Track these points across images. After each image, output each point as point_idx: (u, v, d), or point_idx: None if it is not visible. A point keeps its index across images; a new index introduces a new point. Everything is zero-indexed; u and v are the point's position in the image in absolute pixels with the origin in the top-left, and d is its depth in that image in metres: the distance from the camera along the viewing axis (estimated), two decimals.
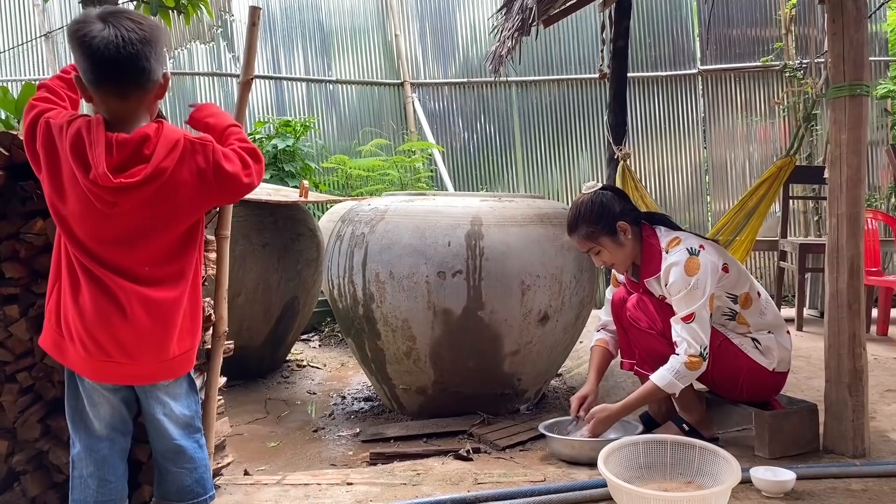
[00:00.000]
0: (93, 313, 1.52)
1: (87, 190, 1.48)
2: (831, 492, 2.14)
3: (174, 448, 1.72)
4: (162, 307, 1.58)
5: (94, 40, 1.43)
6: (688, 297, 2.37)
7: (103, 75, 1.47)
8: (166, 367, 1.65)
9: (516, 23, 3.79)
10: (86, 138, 1.47)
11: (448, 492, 2.21)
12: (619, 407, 2.52)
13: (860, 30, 2.36)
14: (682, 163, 7.62)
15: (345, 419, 3.53)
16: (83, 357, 1.56)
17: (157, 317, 1.57)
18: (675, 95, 7.59)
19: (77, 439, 1.67)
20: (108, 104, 1.51)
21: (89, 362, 1.57)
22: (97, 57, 1.44)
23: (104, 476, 1.66)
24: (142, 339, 1.57)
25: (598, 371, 2.74)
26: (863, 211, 2.41)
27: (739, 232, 4.59)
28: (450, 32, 7.76)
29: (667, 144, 7.60)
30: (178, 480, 1.73)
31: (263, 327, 4.21)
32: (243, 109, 2.09)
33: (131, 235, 1.54)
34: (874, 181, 7.23)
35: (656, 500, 1.87)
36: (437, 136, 7.52)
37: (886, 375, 3.57)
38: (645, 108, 7.57)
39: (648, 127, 7.58)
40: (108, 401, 1.66)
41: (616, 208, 2.54)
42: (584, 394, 2.68)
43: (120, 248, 1.54)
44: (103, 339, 1.54)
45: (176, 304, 1.61)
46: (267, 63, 7.38)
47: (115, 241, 1.54)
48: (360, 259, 3.14)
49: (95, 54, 1.44)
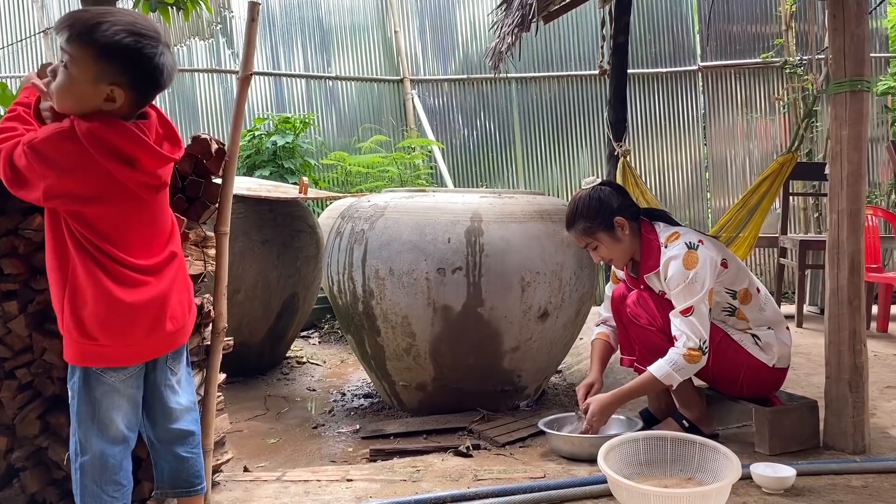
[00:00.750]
0: (134, 298, 1.60)
1: (136, 183, 1.56)
2: (831, 488, 2.14)
3: (184, 432, 1.77)
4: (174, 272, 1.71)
5: (164, 66, 1.55)
6: (686, 290, 2.37)
7: (156, 92, 1.58)
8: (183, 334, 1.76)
9: (516, 19, 3.78)
10: (111, 138, 1.50)
11: (448, 488, 2.21)
12: (615, 395, 2.52)
13: (861, 25, 2.36)
14: (682, 160, 7.62)
15: (344, 416, 3.53)
16: (139, 338, 1.63)
17: (176, 282, 1.70)
18: (676, 92, 7.58)
19: (90, 446, 1.61)
20: (132, 108, 1.56)
21: (142, 342, 1.64)
22: (163, 79, 1.56)
23: (119, 480, 1.64)
24: (180, 302, 1.71)
25: (601, 361, 2.73)
26: (863, 207, 2.40)
27: (742, 229, 4.59)
28: (449, 29, 7.75)
29: (667, 141, 7.59)
30: (186, 466, 1.78)
31: (263, 324, 4.21)
32: (242, 106, 2.09)
33: (157, 214, 1.67)
34: (874, 178, 7.22)
35: (656, 497, 1.87)
36: (437, 132, 7.52)
37: (886, 372, 3.57)
38: (645, 104, 7.56)
39: (648, 124, 7.57)
40: (129, 397, 1.66)
41: (614, 204, 2.54)
42: (590, 382, 2.67)
43: (143, 234, 1.64)
44: (150, 314, 1.63)
45: (182, 266, 1.75)
46: (266, 59, 7.38)
47: (142, 229, 1.63)
48: (359, 255, 3.13)
49: (161, 76, 1.55)
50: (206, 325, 2.08)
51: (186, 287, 1.76)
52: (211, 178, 2.04)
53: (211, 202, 2.03)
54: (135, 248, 1.61)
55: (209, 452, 2.09)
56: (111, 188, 1.54)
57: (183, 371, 1.79)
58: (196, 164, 1.99)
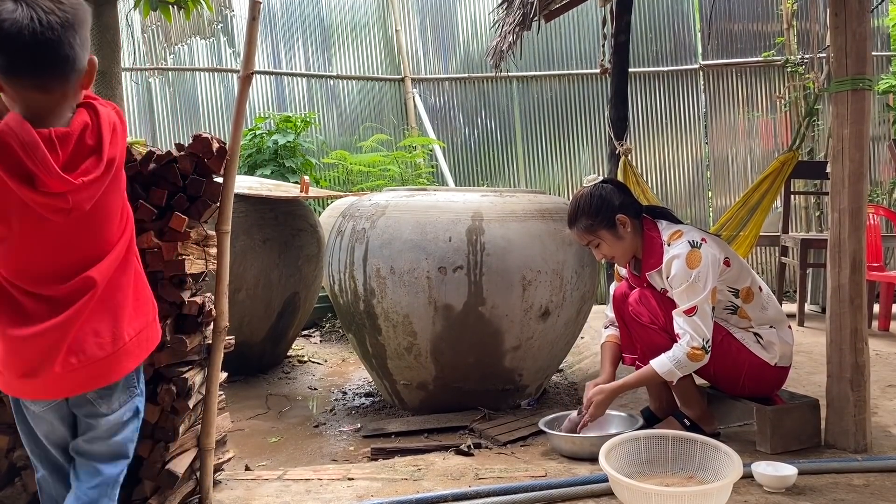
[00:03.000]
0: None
1: (38, 205, 1.28)
2: (833, 487, 2.14)
3: (89, 469, 1.50)
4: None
5: (4, 23, 1.20)
6: (689, 289, 2.37)
7: (19, 65, 1.25)
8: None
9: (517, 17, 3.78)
10: (15, 146, 1.24)
11: (449, 487, 2.21)
12: (616, 386, 2.53)
13: (863, 23, 2.35)
14: (683, 158, 7.61)
15: (346, 415, 3.53)
16: (18, 377, 1.39)
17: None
18: (677, 90, 7.57)
19: (36, 466, 1.54)
20: (27, 98, 1.29)
21: (24, 381, 1.40)
22: (10, 43, 1.22)
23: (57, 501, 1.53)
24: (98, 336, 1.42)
25: (612, 363, 2.71)
26: (865, 205, 2.40)
27: (743, 227, 4.58)
28: (450, 27, 7.74)
29: (668, 140, 7.59)
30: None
31: (264, 323, 4.21)
32: (243, 104, 2.09)
33: (73, 239, 1.38)
34: (876, 177, 7.22)
35: (658, 496, 1.87)
36: (438, 131, 7.52)
37: (888, 371, 3.56)
38: (646, 103, 7.55)
39: (650, 122, 7.56)
40: (55, 426, 1.49)
41: (615, 201, 2.54)
42: (604, 381, 2.64)
43: (49, 260, 1.37)
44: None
45: (114, 293, 1.46)
46: (267, 58, 7.37)
47: (55, 251, 1.37)
48: (360, 254, 3.13)
49: (7, 40, 1.21)
50: (207, 324, 2.08)
51: (116, 316, 1.44)
52: (212, 177, 2.04)
53: (212, 201, 2.03)
54: (36, 275, 1.36)
55: (211, 451, 2.10)
56: (7, 203, 1.29)
57: (117, 411, 1.50)
58: (197, 162, 1.99)
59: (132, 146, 1.93)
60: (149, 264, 1.91)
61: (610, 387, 2.54)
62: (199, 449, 2.09)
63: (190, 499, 2.11)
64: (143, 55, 7.04)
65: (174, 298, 1.93)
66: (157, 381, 1.94)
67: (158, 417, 1.94)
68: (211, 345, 2.07)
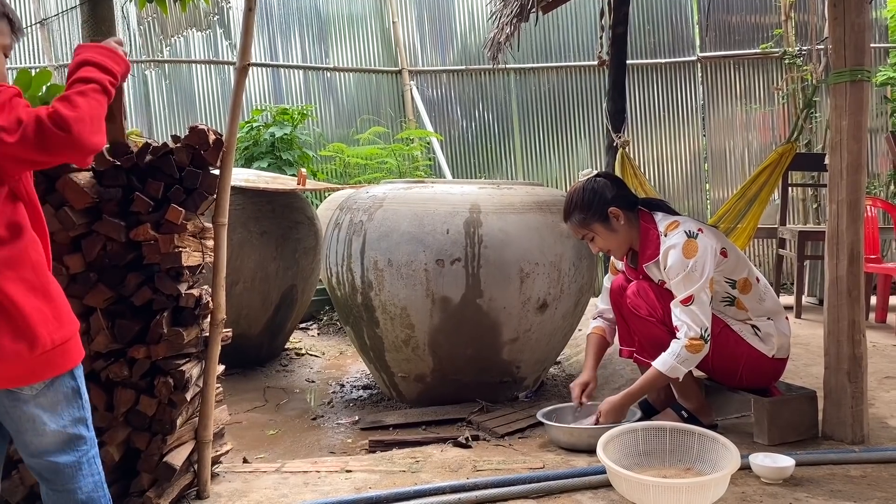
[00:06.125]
0: None
1: None
2: (830, 478, 2.15)
3: (47, 466, 1.45)
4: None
5: None
6: (686, 279, 2.37)
7: None
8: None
9: (515, 9, 3.77)
10: None
11: (447, 479, 2.21)
12: (624, 396, 2.51)
13: (861, 14, 2.35)
14: (680, 150, 7.61)
15: (344, 407, 3.53)
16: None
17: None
18: (675, 83, 7.56)
19: None
20: None
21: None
22: None
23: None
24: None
25: (595, 358, 2.75)
26: (863, 197, 2.40)
27: (741, 219, 4.59)
28: (448, 19, 7.71)
29: (666, 132, 7.57)
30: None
31: (262, 315, 4.21)
32: (240, 96, 2.08)
33: None
34: (873, 168, 7.22)
35: (655, 487, 1.87)
36: (436, 123, 7.50)
37: (885, 362, 3.57)
38: (644, 95, 7.54)
39: (647, 114, 7.55)
40: None
41: (608, 194, 2.54)
42: (585, 381, 2.68)
43: None
44: None
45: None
46: (264, 50, 7.35)
47: None
48: (358, 247, 3.13)
49: None
50: (204, 317, 2.07)
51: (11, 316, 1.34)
52: (209, 169, 2.03)
53: (209, 193, 2.02)
54: None
55: (208, 444, 2.10)
56: None
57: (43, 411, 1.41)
58: (194, 154, 1.98)
59: (128, 136, 1.92)
60: (146, 256, 1.90)
61: (621, 399, 2.50)
62: (196, 441, 2.09)
63: (188, 491, 2.11)
64: (139, 47, 7.02)
65: (171, 291, 1.93)
66: (154, 373, 1.94)
67: (156, 410, 1.93)
68: (208, 337, 2.07)
